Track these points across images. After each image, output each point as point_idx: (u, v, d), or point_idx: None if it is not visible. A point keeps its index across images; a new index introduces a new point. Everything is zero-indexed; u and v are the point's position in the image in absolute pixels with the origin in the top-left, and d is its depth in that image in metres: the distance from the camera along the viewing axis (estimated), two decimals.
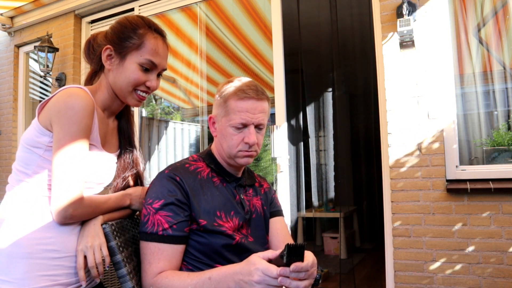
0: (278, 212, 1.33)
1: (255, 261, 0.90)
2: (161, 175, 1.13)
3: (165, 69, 1.15)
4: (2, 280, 0.94)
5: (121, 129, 1.23)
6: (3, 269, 0.95)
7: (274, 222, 1.30)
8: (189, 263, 1.10)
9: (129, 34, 1.08)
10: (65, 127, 0.98)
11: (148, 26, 1.10)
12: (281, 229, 1.30)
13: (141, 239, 1.08)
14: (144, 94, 1.12)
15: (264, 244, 1.24)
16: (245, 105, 1.13)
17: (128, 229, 1.17)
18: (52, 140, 1.01)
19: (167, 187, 1.09)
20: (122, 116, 1.24)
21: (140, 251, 1.08)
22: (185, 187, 1.09)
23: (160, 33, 1.13)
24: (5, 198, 1.06)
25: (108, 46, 1.09)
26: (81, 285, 1.05)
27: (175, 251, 1.06)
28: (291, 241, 1.30)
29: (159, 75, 1.14)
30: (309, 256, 0.90)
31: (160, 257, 1.04)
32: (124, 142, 1.22)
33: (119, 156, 1.21)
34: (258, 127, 1.16)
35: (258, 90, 1.16)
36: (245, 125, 1.14)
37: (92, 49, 1.15)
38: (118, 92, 1.12)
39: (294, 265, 0.85)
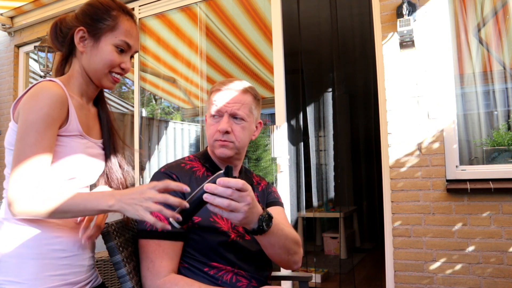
0: (274, 203, 1.31)
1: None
2: (157, 173, 1.15)
3: (137, 51, 1.14)
4: (12, 282, 0.94)
5: (100, 117, 1.20)
6: (13, 271, 0.94)
7: (269, 210, 1.29)
8: (185, 261, 1.10)
9: (103, 16, 1.07)
10: (23, 117, 0.95)
11: (121, 8, 1.10)
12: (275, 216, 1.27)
13: (140, 237, 1.07)
14: (118, 76, 1.12)
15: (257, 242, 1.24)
16: (220, 95, 1.18)
17: (128, 229, 1.17)
18: None
19: None
20: (99, 103, 1.21)
21: (140, 250, 1.07)
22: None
23: (132, 15, 1.13)
24: (4, 202, 1.04)
25: (81, 27, 1.07)
26: (88, 282, 1.07)
27: (175, 247, 1.06)
28: (288, 227, 1.28)
29: (131, 57, 1.14)
30: (242, 181, 0.87)
31: (162, 255, 1.04)
32: (104, 129, 1.19)
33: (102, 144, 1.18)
34: (234, 117, 1.17)
35: (236, 83, 1.19)
36: (220, 115, 1.17)
37: (60, 32, 1.11)
38: (92, 75, 1.09)
39: (221, 179, 0.84)
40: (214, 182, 0.86)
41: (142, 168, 3.60)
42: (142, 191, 0.89)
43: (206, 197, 0.85)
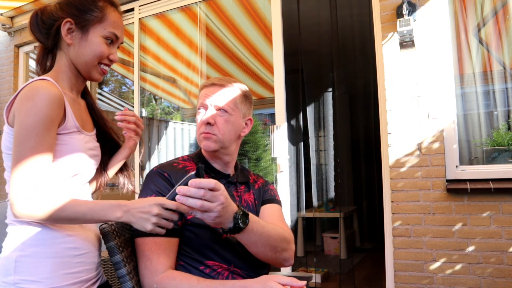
0: (270, 200, 1.30)
1: (271, 276, 0.94)
2: (150, 173, 1.15)
3: (123, 42, 1.14)
4: (28, 280, 0.94)
5: (91, 108, 1.19)
6: (29, 270, 0.95)
7: (264, 208, 1.28)
8: (180, 259, 1.10)
9: (90, 7, 1.06)
10: (21, 120, 0.93)
11: None
12: (269, 214, 1.24)
13: (136, 236, 1.07)
14: (106, 68, 1.12)
15: None
16: (206, 89, 1.20)
17: (128, 229, 1.17)
18: None
19: (155, 183, 1.11)
20: (85, 95, 1.20)
21: (136, 249, 1.07)
22: (172, 182, 1.11)
23: (116, 6, 1.12)
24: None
25: (68, 19, 1.05)
26: (97, 280, 1.08)
27: (171, 244, 1.06)
28: (282, 225, 1.26)
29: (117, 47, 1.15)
30: (214, 181, 0.89)
31: (159, 252, 1.04)
32: (99, 122, 1.19)
33: (97, 135, 1.18)
34: (218, 109, 1.18)
35: (223, 78, 1.22)
36: (206, 108, 1.18)
37: (42, 23, 1.08)
38: (81, 67, 1.08)
39: (193, 180, 0.86)
40: (186, 184, 0.87)
41: (142, 168, 3.60)
42: (150, 206, 0.91)
43: (178, 198, 0.86)
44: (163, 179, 1.12)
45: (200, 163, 1.20)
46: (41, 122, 0.93)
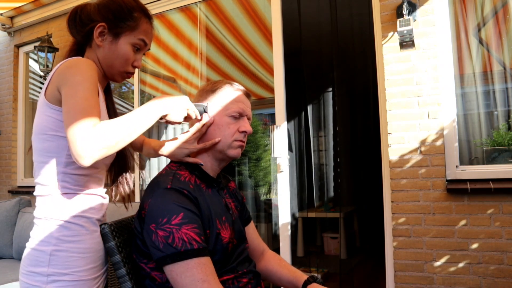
0: (250, 218, 1.35)
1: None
2: (164, 191, 1.02)
3: (149, 49, 1.17)
4: (61, 273, 1.00)
5: (108, 107, 1.18)
6: (63, 263, 1.00)
7: (249, 228, 1.32)
8: None
9: (125, 16, 1.09)
10: (69, 82, 0.94)
11: (142, 10, 1.13)
12: (256, 235, 1.35)
13: (172, 262, 0.95)
14: (130, 73, 1.15)
15: (244, 239, 1.23)
16: (240, 96, 1.18)
17: (127, 229, 1.17)
18: None
19: (178, 201, 1.00)
20: (107, 92, 1.20)
21: (177, 277, 0.94)
22: (192, 199, 1.03)
23: (150, 17, 1.15)
24: (46, 201, 1.02)
25: (102, 23, 1.07)
26: (105, 271, 1.13)
27: (211, 261, 1.00)
28: (263, 243, 1.37)
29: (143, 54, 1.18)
30: None
31: (211, 271, 0.96)
32: (112, 118, 1.17)
33: None
34: (248, 120, 1.20)
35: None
36: (241, 115, 1.17)
37: (80, 20, 1.10)
38: (107, 69, 1.12)
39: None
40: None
41: (141, 167, 3.60)
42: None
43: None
44: (185, 197, 1.02)
45: (195, 171, 1.14)
46: (88, 80, 0.95)
